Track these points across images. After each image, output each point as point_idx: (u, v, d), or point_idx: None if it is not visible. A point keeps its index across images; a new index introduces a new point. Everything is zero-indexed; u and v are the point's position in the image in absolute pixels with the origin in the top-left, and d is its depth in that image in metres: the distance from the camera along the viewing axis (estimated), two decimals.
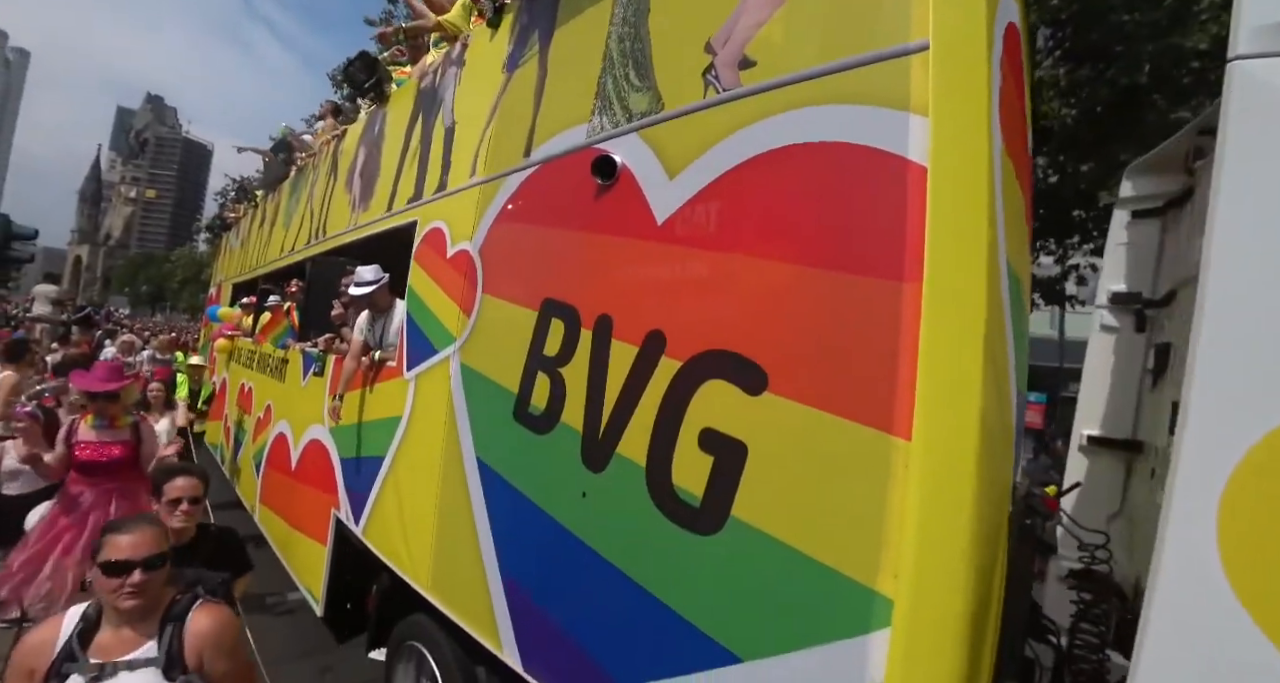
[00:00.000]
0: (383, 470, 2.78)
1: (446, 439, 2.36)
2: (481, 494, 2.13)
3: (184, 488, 2.12)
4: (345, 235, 4.00)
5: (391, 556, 2.66)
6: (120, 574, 1.43)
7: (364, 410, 3.08)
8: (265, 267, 6.20)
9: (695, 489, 1.53)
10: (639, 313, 1.78)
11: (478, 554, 2.10)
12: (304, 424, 3.83)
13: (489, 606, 2.04)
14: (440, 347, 2.53)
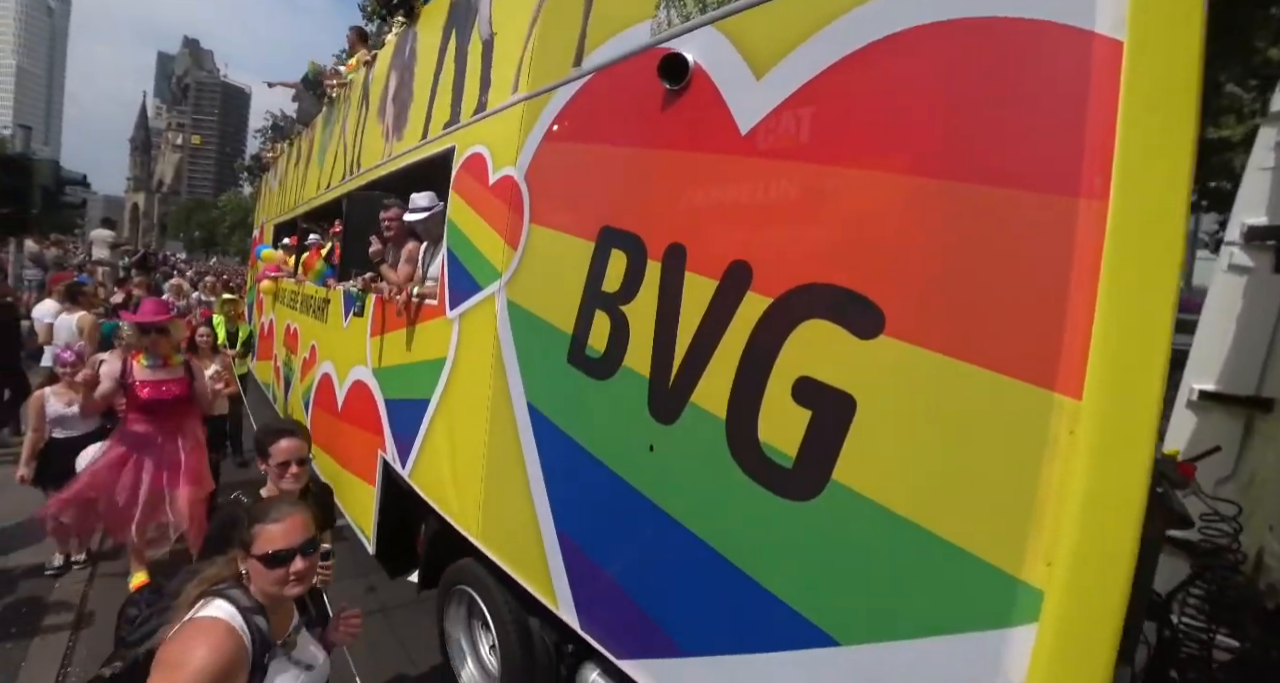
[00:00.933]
0: (428, 414, 2.65)
1: (494, 383, 2.19)
2: (534, 443, 1.97)
3: (290, 450, 2.01)
4: (380, 168, 3.77)
5: (440, 501, 2.57)
6: (282, 564, 1.36)
7: (407, 351, 2.93)
8: (304, 205, 6.07)
9: (787, 447, 1.31)
10: (719, 241, 1.51)
11: (530, 506, 1.96)
12: (348, 365, 3.75)
13: (543, 559, 1.92)
14: (484, 283, 2.32)
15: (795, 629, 1.29)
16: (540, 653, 2.16)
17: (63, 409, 3.51)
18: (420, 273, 2.98)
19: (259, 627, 1.33)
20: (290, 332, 5.47)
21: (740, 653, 1.38)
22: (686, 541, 1.48)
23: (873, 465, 1.19)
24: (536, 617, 2.17)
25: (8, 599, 3.35)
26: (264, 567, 1.35)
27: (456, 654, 2.76)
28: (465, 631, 2.77)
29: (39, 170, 7.28)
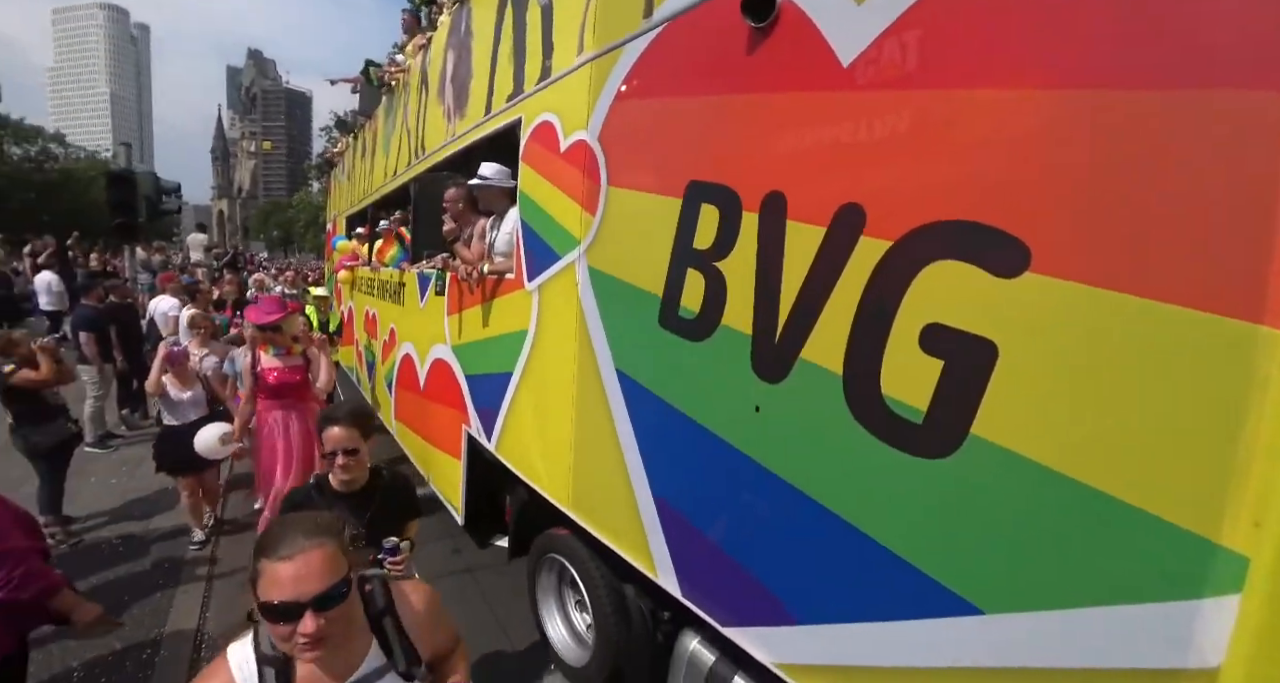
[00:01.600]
0: (511, 387, 2.67)
1: (580, 352, 2.16)
2: (625, 409, 1.93)
3: (337, 439, 1.85)
4: (445, 149, 3.79)
5: (527, 472, 2.60)
6: (283, 620, 0.98)
7: (486, 326, 2.95)
8: (372, 195, 6.26)
9: (915, 401, 1.20)
10: (823, 185, 1.39)
11: (623, 473, 1.93)
12: (427, 344, 3.84)
13: (639, 527, 1.89)
14: (562, 252, 2.28)
15: (928, 596, 1.19)
16: (636, 620, 2.16)
17: (178, 393, 3.82)
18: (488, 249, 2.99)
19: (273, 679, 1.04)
20: (369, 317, 5.70)
21: (864, 621, 1.30)
22: (800, 504, 1.40)
23: (1020, 417, 1.06)
24: (631, 584, 2.16)
25: (153, 558, 3.78)
26: (265, 618, 1.00)
27: (548, 620, 2.82)
28: (555, 597, 2.82)
29: (142, 182, 7.88)
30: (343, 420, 1.87)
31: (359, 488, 1.95)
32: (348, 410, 1.93)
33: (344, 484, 1.91)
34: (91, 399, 5.68)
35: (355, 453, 1.87)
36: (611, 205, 2.04)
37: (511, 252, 2.74)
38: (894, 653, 1.25)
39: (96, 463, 5.31)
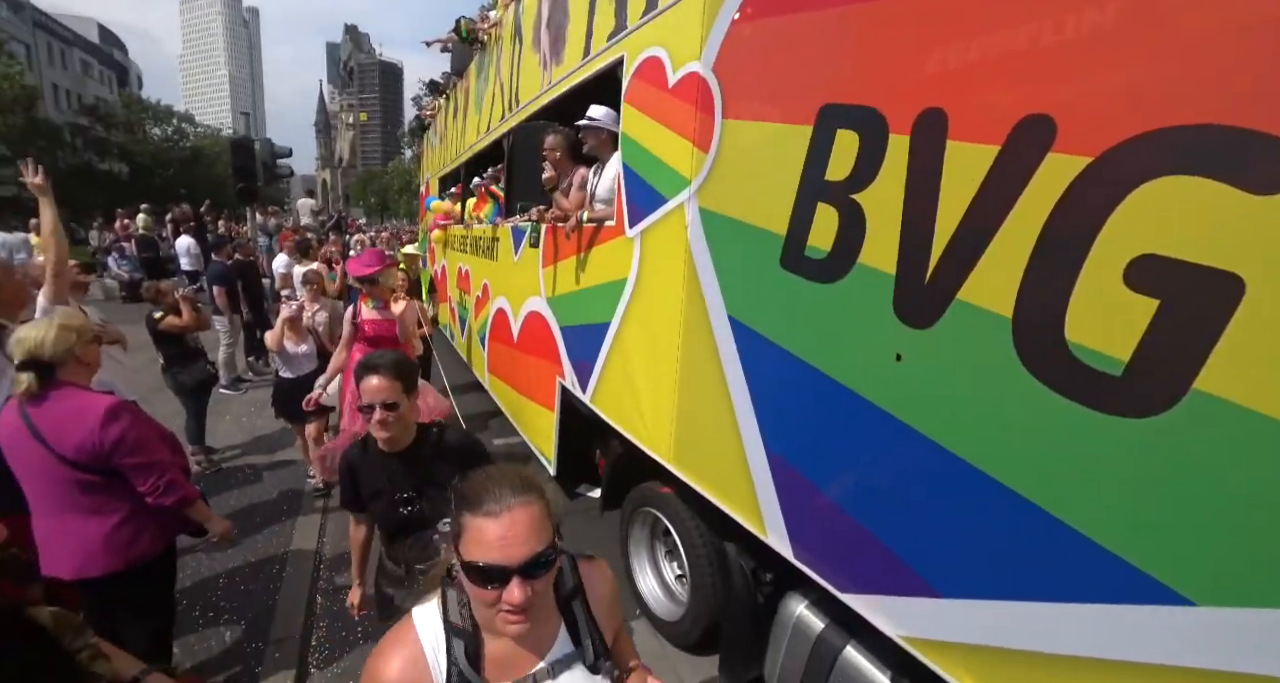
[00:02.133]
0: (609, 337, 2.62)
1: (687, 299, 2.05)
2: (737, 359, 1.81)
3: (374, 390, 1.60)
4: (540, 98, 3.72)
5: (625, 424, 2.56)
6: (491, 584, 0.87)
7: (583, 276, 2.91)
8: (464, 153, 6.36)
9: (1114, 349, 1.00)
10: (997, 96, 1.17)
11: (733, 427, 1.83)
12: (521, 298, 3.88)
13: (749, 485, 1.80)
14: (670, 194, 2.16)
15: (1117, 579, 1.02)
16: (737, 580, 2.09)
17: (292, 348, 4.00)
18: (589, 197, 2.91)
19: (457, 659, 0.93)
20: (462, 274, 5.86)
21: (1029, 601, 1.15)
22: (950, 466, 1.24)
23: (1267, 370, 0.85)
24: (734, 543, 2.09)
25: (278, 487, 4.16)
26: (467, 577, 0.90)
27: (638, 573, 2.82)
28: (648, 551, 2.81)
29: (259, 148, 8.57)
30: (383, 370, 1.63)
31: (405, 447, 1.71)
32: (390, 360, 1.68)
33: (385, 443, 1.67)
34: (224, 346, 6.30)
35: (394, 407, 1.62)
36: (727, 140, 1.88)
37: (612, 198, 2.64)
38: (1065, 639, 1.09)
39: (229, 403, 5.90)
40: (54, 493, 1.78)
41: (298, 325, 4.08)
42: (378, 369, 1.63)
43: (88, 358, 1.88)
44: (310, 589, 3.02)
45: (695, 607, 2.37)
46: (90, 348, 1.89)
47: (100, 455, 1.76)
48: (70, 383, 1.81)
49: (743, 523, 1.86)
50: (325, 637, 2.73)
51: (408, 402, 1.66)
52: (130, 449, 1.79)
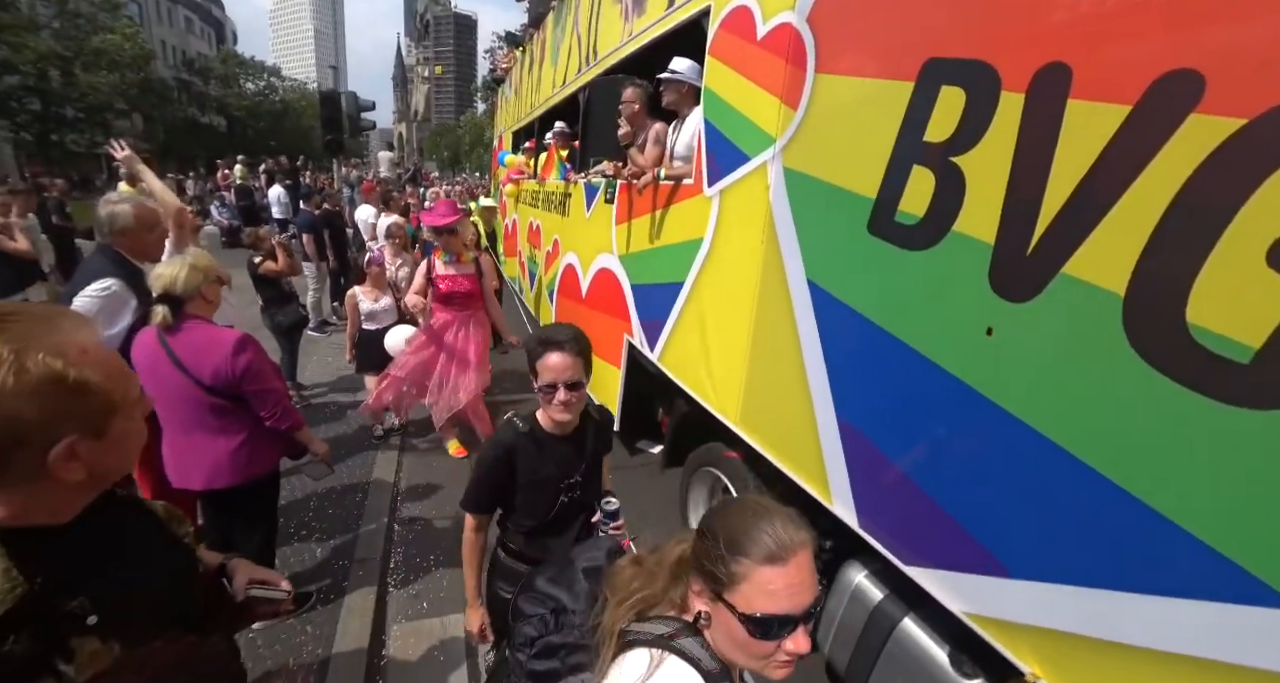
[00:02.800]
0: (681, 297, 2.63)
1: (764, 261, 2.02)
2: (814, 324, 1.79)
3: (559, 369, 1.47)
4: (619, 51, 3.65)
5: (692, 384, 2.59)
6: (775, 637, 0.81)
7: (657, 235, 2.90)
8: (540, 107, 6.36)
9: (1244, 335, 0.92)
10: (1134, 51, 1.06)
11: (805, 392, 1.82)
12: (591, 254, 3.92)
13: (816, 451, 1.80)
14: (752, 152, 2.10)
15: (1214, 578, 0.97)
16: None
17: (371, 305, 4.10)
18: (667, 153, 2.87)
19: None
20: (533, 228, 5.97)
21: (1106, 589, 1.11)
22: (1038, 447, 1.20)
23: None
24: (794, 507, 2.10)
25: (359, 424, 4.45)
26: (746, 631, 0.80)
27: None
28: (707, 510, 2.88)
29: (345, 101, 8.88)
30: (566, 347, 1.49)
31: (570, 432, 1.62)
32: (572, 335, 1.53)
33: (560, 426, 1.57)
34: (311, 291, 6.74)
35: (578, 387, 1.51)
36: (819, 96, 1.80)
37: (691, 156, 2.60)
38: (1148, 632, 1.06)
39: (316, 345, 6.34)
40: (187, 414, 2.02)
41: (379, 280, 4.16)
42: (560, 345, 1.49)
43: (211, 295, 2.09)
44: (389, 517, 3.29)
45: None
46: (213, 287, 2.10)
47: (232, 382, 1.97)
48: (197, 317, 2.02)
49: (807, 489, 1.87)
50: (402, 561, 2.99)
51: (588, 380, 1.55)
52: (254, 377, 2.02)
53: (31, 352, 0.68)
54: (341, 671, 2.22)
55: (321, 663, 2.25)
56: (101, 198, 2.49)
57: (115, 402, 0.76)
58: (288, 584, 1.11)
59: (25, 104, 21.09)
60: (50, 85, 21.31)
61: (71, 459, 0.72)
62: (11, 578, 0.70)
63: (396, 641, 2.46)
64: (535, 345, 1.52)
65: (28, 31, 19.84)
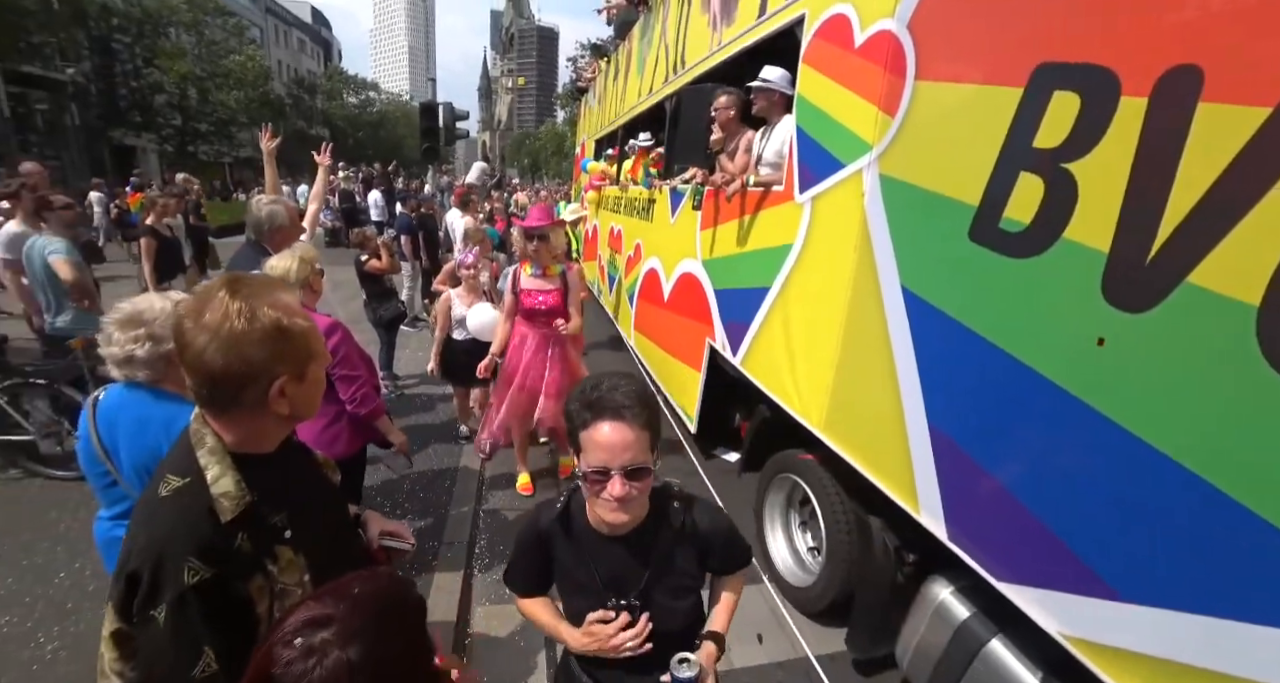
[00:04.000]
0: (767, 302, 2.66)
1: (857, 267, 2.03)
2: (907, 331, 1.78)
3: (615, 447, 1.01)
4: (708, 61, 3.72)
5: (775, 389, 2.62)
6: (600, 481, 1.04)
7: (745, 241, 2.95)
8: (624, 116, 6.55)
9: None
10: (1270, 52, 1.02)
11: (895, 401, 1.82)
12: (675, 259, 4.01)
13: (906, 460, 1.78)
14: (847, 160, 2.12)
15: None
16: (878, 555, 2.08)
17: (465, 312, 3.73)
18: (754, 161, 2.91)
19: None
20: (614, 233, 6.14)
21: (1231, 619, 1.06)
22: (1153, 464, 1.16)
23: None
24: (880, 517, 2.09)
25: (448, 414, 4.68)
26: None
27: (770, 535, 2.89)
28: (781, 516, 2.88)
29: (443, 111, 9.48)
30: (627, 415, 1.01)
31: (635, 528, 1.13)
32: (635, 396, 1.04)
33: (614, 527, 1.10)
34: (407, 289, 7.24)
35: (642, 475, 1.04)
36: (919, 103, 1.80)
37: (781, 163, 2.63)
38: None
39: (409, 339, 6.74)
40: None
41: (474, 285, 3.85)
42: (618, 412, 1.02)
43: (316, 285, 2.27)
44: (475, 504, 3.44)
45: (827, 577, 2.41)
46: (317, 278, 2.26)
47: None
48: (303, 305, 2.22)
49: (895, 498, 1.86)
50: (486, 547, 3.12)
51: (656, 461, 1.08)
52: (340, 361, 2.13)
53: (260, 306, 0.84)
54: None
55: None
56: (253, 201, 2.78)
57: (314, 350, 0.92)
58: (413, 537, 1.24)
59: (169, 119, 23.89)
60: (189, 103, 24.06)
61: (281, 396, 0.87)
62: (241, 488, 0.87)
63: (480, 621, 2.57)
64: (580, 408, 1.05)
65: (178, 57, 22.55)
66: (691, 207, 3.46)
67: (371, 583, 0.70)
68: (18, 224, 3.80)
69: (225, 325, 0.81)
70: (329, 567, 0.93)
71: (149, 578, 0.80)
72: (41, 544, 2.84)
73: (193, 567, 0.79)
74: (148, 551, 0.81)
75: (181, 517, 0.83)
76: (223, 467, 0.86)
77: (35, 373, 3.53)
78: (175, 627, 0.79)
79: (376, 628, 0.62)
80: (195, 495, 0.84)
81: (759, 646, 2.44)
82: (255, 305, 0.83)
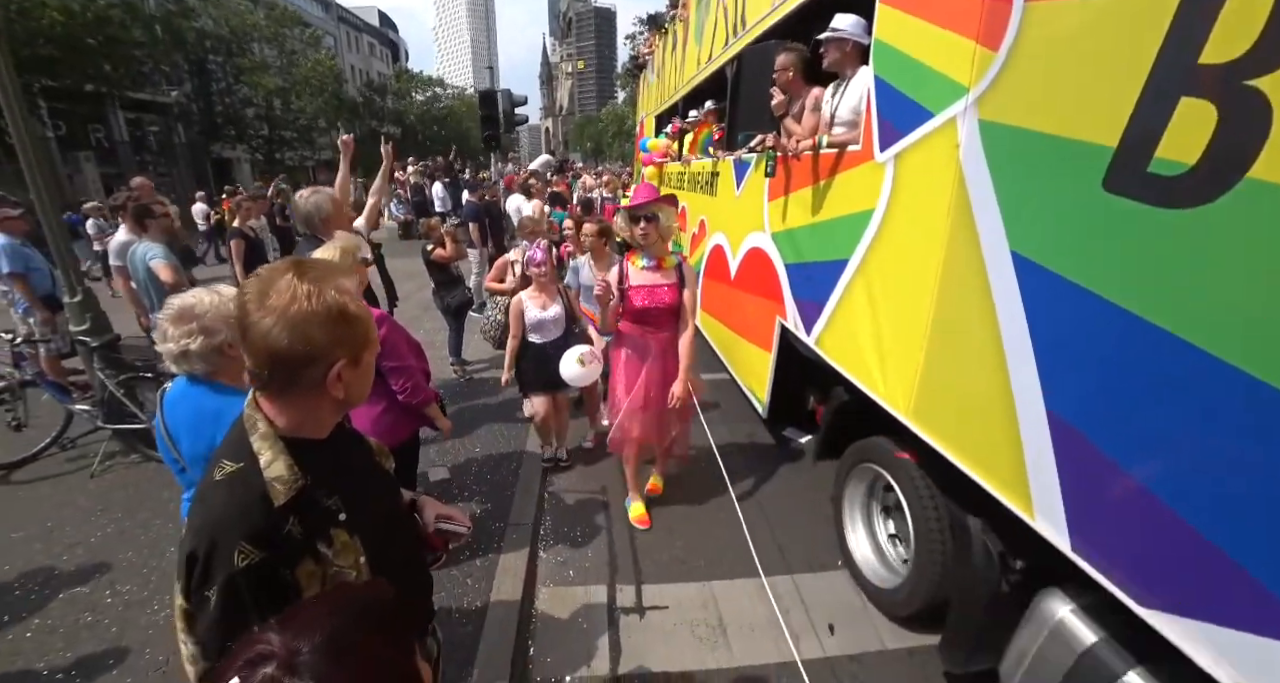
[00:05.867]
0: (845, 276, 2.40)
1: (951, 230, 1.75)
2: (1018, 304, 1.50)
3: None
4: (771, 16, 3.41)
5: (856, 371, 2.38)
6: None
7: (818, 209, 2.68)
8: (683, 88, 6.26)
9: None
10: None
11: (1003, 384, 1.55)
12: (741, 234, 3.77)
13: (1017, 455, 1.52)
14: (937, 107, 1.82)
15: None
16: (978, 561, 1.83)
17: (538, 314, 3.24)
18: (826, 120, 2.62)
19: None
20: (678, 211, 5.92)
21: None
22: None
23: None
24: (980, 518, 1.84)
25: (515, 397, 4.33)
26: None
27: (850, 529, 2.68)
28: (862, 509, 2.65)
29: (501, 98, 9.56)
30: None
31: None
32: None
33: None
34: (474, 274, 7.36)
35: None
36: (1030, 29, 1.49)
37: (857, 119, 2.35)
38: None
39: (477, 324, 6.88)
40: None
41: (548, 284, 3.27)
42: None
43: (360, 275, 2.22)
44: (540, 486, 3.45)
45: (915, 580, 2.18)
46: (361, 268, 2.23)
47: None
48: None
49: (1002, 499, 1.60)
50: (550, 529, 3.12)
51: None
52: (388, 352, 2.15)
53: (328, 289, 0.85)
54: (497, 620, 2.38)
55: (480, 609, 2.44)
56: (297, 196, 2.81)
57: (370, 337, 0.93)
58: (469, 521, 1.25)
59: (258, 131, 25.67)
60: (275, 113, 25.71)
61: (338, 380, 0.88)
62: (294, 472, 0.88)
63: (545, 602, 2.59)
64: None
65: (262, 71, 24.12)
66: (764, 173, 3.16)
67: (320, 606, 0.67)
68: (125, 233, 4.08)
69: (293, 307, 0.82)
70: (384, 551, 0.98)
71: (203, 560, 0.82)
72: (155, 521, 3.09)
73: (243, 550, 0.81)
74: (202, 533, 0.84)
75: (233, 501, 0.85)
76: (275, 451, 0.88)
77: (145, 367, 3.87)
78: (224, 608, 0.81)
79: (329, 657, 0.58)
80: (247, 480, 0.87)
81: (830, 636, 2.35)
82: (323, 288, 0.85)
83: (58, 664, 2.19)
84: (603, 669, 2.23)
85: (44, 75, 14.21)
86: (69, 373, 4.39)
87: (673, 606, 2.54)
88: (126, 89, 17.41)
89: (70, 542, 2.90)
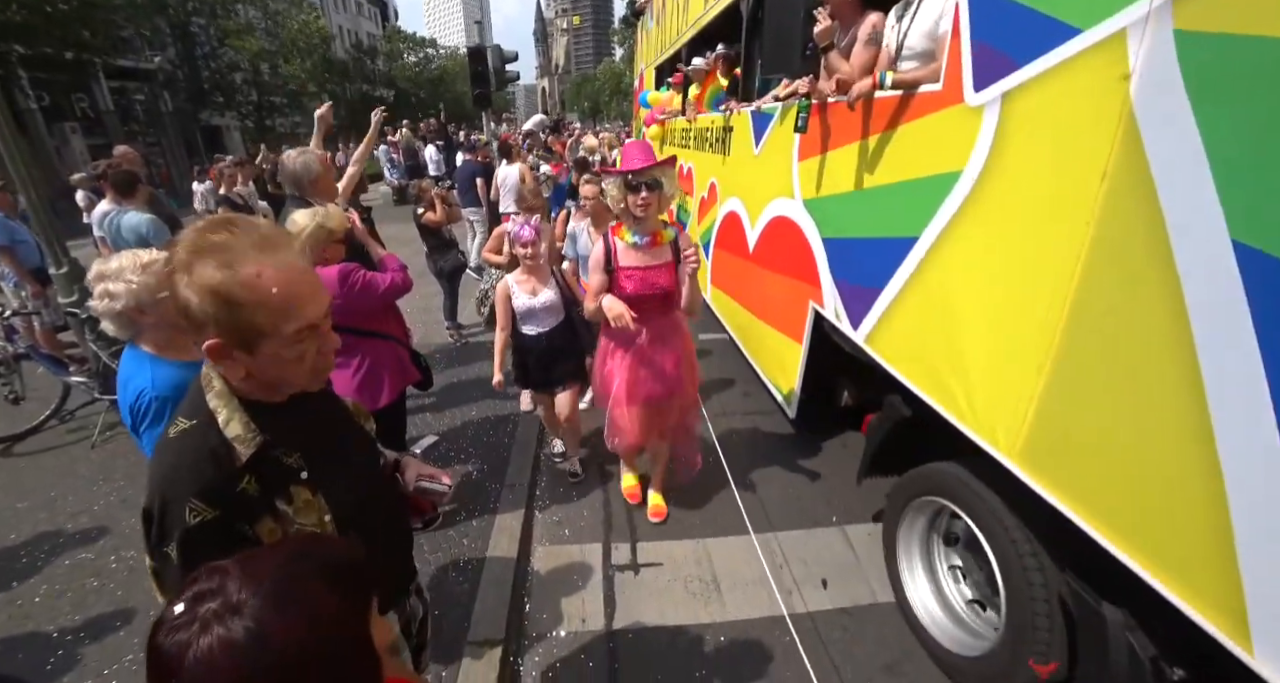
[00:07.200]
0: (911, 259, 1.86)
1: (1105, 206, 1.21)
2: (1245, 321, 0.97)
3: None
4: None
5: (925, 383, 1.86)
6: None
7: (872, 170, 2.09)
8: (687, 32, 5.52)
9: None
10: None
11: (1202, 445, 1.04)
12: (762, 199, 3.19)
13: (1221, 552, 1.02)
14: (1085, 21, 1.23)
15: None
16: (1120, 665, 1.36)
17: (528, 300, 2.69)
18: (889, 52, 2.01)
19: None
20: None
21: None
22: None
23: None
24: (1120, 609, 1.35)
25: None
26: None
27: (907, 575, 2.20)
28: (922, 553, 2.16)
29: (490, 54, 8.89)
30: None
31: None
32: None
33: None
34: (480, 233, 6.84)
35: None
36: None
37: (935, 49, 1.77)
38: None
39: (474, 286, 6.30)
40: None
41: (538, 267, 2.68)
42: None
43: (332, 255, 2.16)
44: (536, 448, 3.40)
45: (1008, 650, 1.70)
46: (335, 248, 2.15)
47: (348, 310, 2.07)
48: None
49: (1195, 617, 1.10)
50: (546, 489, 3.10)
51: None
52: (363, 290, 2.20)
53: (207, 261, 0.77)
54: (493, 577, 2.39)
55: (476, 567, 2.45)
56: (283, 157, 2.60)
57: (262, 326, 0.81)
58: (449, 479, 1.23)
59: (247, 97, 24.64)
60: (263, 78, 24.64)
61: (224, 357, 0.83)
62: (250, 430, 0.87)
63: (540, 560, 2.61)
64: None
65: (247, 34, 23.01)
66: (794, 128, 2.52)
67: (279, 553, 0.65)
68: (107, 203, 3.83)
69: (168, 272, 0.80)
70: (360, 511, 1.00)
71: (157, 517, 0.83)
72: None
73: (194, 507, 0.81)
74: (154, 490, 0.83)
75: (184, 458, 0.85)
76: (230, 409, 0.87)
77: None
78: (186, 565, 0.80)
79: (272, 603, 0.56)
80: (199, 436, 0.85)
81: (823, 591, 2.37)
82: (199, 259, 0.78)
83: (67, 626, 2.24)
84: (597, 625, 2.24)
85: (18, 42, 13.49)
86: (64, 346, 4.41)
87: (667, 563, 2.54)
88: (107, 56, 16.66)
89: (74, 510, 2.94)
